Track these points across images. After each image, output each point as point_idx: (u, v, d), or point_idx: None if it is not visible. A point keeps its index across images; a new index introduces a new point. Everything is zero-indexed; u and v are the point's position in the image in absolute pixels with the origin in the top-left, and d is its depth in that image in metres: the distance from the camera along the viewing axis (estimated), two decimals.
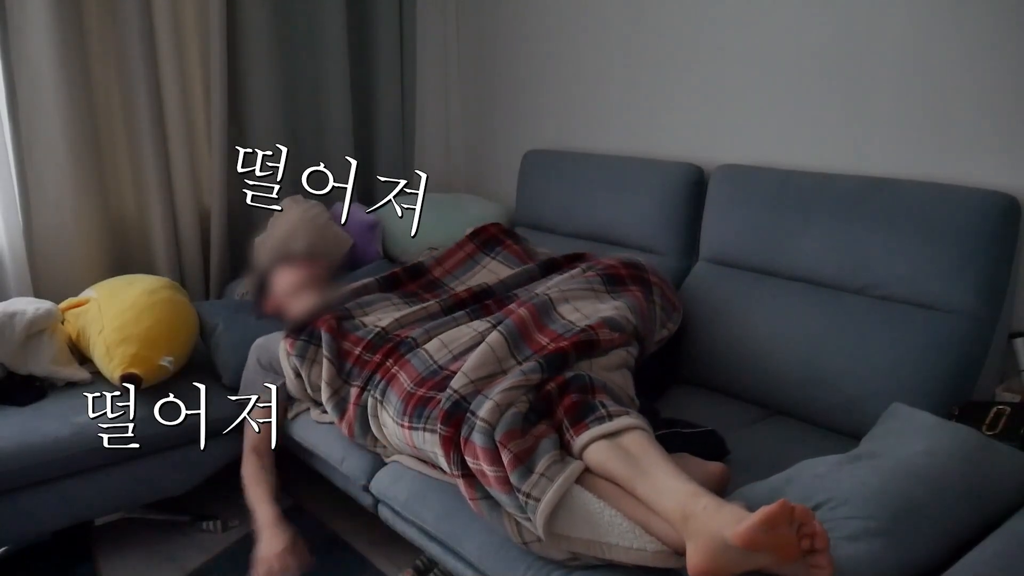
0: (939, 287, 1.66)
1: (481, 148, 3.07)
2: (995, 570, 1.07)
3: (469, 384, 1.52)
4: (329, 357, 1.82)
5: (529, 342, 1.62)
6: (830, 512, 1.18)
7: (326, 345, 1.84)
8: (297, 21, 2.71)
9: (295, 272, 2.16)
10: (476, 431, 1.40)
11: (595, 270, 1.86)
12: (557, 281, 1.84)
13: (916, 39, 1.78)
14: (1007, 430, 1.44)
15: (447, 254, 2.18)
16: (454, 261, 2.16)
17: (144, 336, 1.97)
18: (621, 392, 1.54)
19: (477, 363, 1.56)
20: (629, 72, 2.43)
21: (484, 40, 2.94)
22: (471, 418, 1.44)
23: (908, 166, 1.83)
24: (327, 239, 2.50)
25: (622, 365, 1.62)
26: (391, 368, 1.71)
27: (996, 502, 1.24)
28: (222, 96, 2.54)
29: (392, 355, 1.74)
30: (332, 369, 1.81)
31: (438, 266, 2.15)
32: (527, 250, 2.19)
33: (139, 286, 2.14)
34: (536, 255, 2.18)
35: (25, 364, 1.99)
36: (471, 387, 1.51)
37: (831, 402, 1.72)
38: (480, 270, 2.13)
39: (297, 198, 2.61)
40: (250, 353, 2.05)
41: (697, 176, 2.19)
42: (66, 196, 2.34)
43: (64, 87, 2.27)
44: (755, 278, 1.98)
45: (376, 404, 1.69)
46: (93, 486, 1.90)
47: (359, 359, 1.79)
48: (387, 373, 1.70)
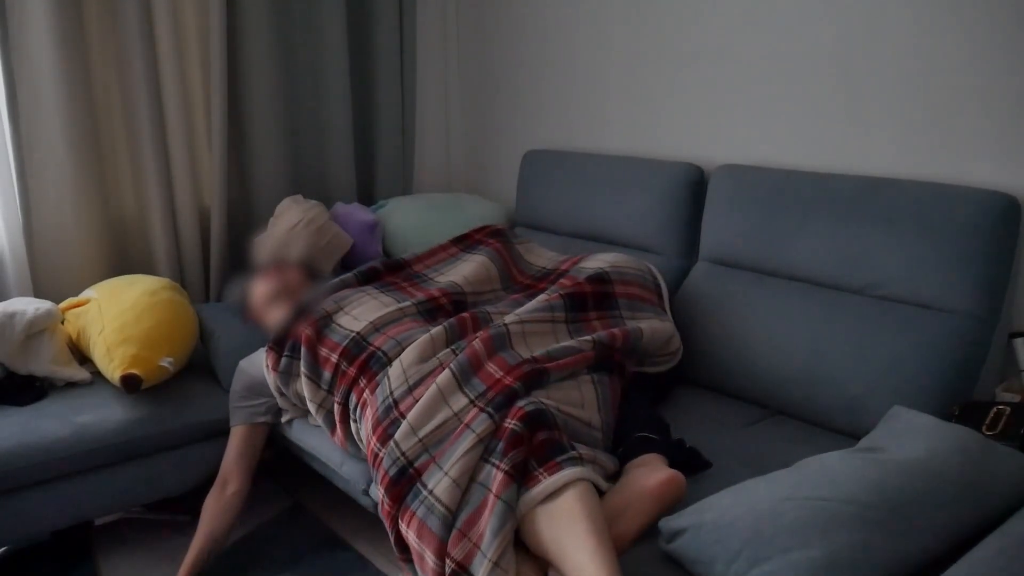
0: (939, 287, 1.66)
1: (481, 148, 3.07)
2: (995, 570, 1.07)
3: (417, 444, 1.48)
4: (308, 374, 1.79)
5: (480, 373, 1.58)
6: (829, 494, 1.18)
7: (304, 362, 1.81)
8: (297, 21, 2.71)
9: (266, 282, 2.11)
10: (432, 514, 1.37)
11: (560, 292, 1.84)
12: (522, 311, 1.79)
13: (916, 39, 1.78)
14: (1007, 430, 1.44)
15: (428, 252, 2.16)
16: (435, 259, 2.15)
17: (144, 337, 1.97)
18: (579, 421, 1.53)
19: (424, 412, 1.52)
20: (629, 72, 2.43)
21: (484, 40, 2.94)
22: (422, 492, 1.41)
23: (908, 166, 1.83)
24: (327, 239, 2.50)
25: (579, 379, 1.61)
26: (363, 390, 1.68)
27: (996, 502, 1.24)
28: (222, 96, 2.54)
29: (365, 372, 1.70)
30: (312, 385, 1.79)
31: (419, 262, 2.13)
32: (512, 253, 2.16)
33: (140, 286, 2.14)
34: (519, 260, 2.16)
35: (25, 364, 1.99)
36: (418, 447, 1.48)
37: (831, 402, 1.72)
38: (460, 264, 2.11)
39: (297, 198, 2.62)
40: (235, 377, 2.03)
41: (697, 176, 2.19)
42: (66, 196, 2.34)
43: (64, 87, 2.27)
44: (755, 278, 1.98)
45: (357, 425, 1.69)
46: (93, 486, 1.91)
47: (337, 369, 1.76)
48: (360, 395, 1.68)
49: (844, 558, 1.10)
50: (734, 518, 1.19)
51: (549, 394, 1.53)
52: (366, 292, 1.97)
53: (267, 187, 2.71)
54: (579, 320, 1.81)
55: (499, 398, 1.48)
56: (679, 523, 1.24)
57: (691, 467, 1.51)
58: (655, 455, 1.46)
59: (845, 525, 1.14)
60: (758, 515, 1.18)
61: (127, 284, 2.17)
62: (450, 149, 3.19)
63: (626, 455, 1.49)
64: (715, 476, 1.50)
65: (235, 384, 2.01)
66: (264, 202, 2.69)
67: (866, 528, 1.14)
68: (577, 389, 1.59)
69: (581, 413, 1.54)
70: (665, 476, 1.35)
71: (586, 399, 1.58)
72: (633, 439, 1.51)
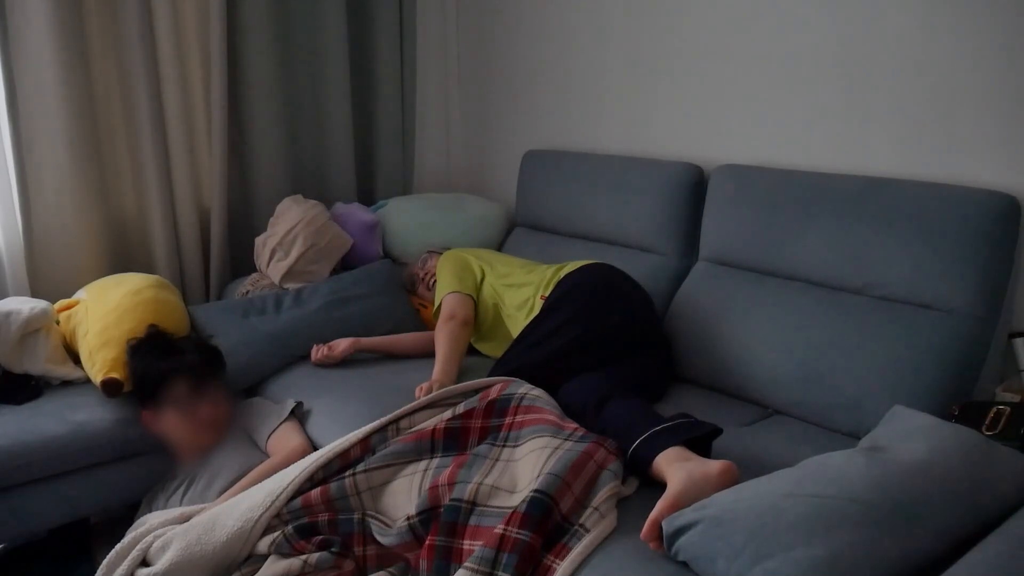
0: (939, 287, 1.66)
1: (481, 148, 3.07)
2: (995, 570, 1.06)
3: None
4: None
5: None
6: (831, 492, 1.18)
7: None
8: (297, 21, 2.71)
9: (181, 423, 1.90)
10: None
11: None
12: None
13: (916, 39, 1.78)
14: (1007, 430, 1.43)
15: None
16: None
17: (126, 339, 1.96)
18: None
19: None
20: (629, 72, 2.43)
21: (484, 41, 2.94)
22: None
23: (908, 166, 1.82)
24: (327, 239, 2.49)
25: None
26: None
27: (996, 502, 1.23)
28: (222, 96, 2.54)
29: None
30: None
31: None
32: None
33: (125, 286, 2.12)
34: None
35: (20, 363, 2.00)
36: None
37: (831, 402, 1.72)
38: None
39: (297, 198, 2.62)
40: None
41: (697, 176, 2.18)
42: (66, 196, 2.34)
43: (64, 87, 2.27)
44: (755, 278, 1.97)
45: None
46: (89, 484, 1.90)
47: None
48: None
49: (846, 557, 1.09)
50: (736, 515, 1.19)
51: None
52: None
53: (267, 187, 2.71)
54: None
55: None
56: (682, 520, 1.23)
57: (708, 440, 1.49)
58: (677, 448, 1.42)
59: (848, 523, 1.14)
60: (760, 512, 1.17)
61: (114, 284, 2.16)
62: (450, 149, 3.19)
63: (645, 454, 1.45)
64: None
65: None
66: (264, 202, 2.69)
67: (868, 527, 1.13)
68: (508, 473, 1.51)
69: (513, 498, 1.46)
70: (722, 465, 1.34)
71: (520, 477, 1.49)
72: (652, 433, 1.46)
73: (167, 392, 1.86)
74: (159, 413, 1.88)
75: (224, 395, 1.96)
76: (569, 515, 1.38)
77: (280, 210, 2.57)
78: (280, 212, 2.57)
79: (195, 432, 1.88)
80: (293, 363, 2.20)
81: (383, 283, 2.44)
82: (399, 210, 2.74)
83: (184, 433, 1.88)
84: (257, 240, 2.54)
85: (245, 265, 2.67)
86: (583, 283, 1.97)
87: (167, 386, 1.86)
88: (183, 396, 1.86)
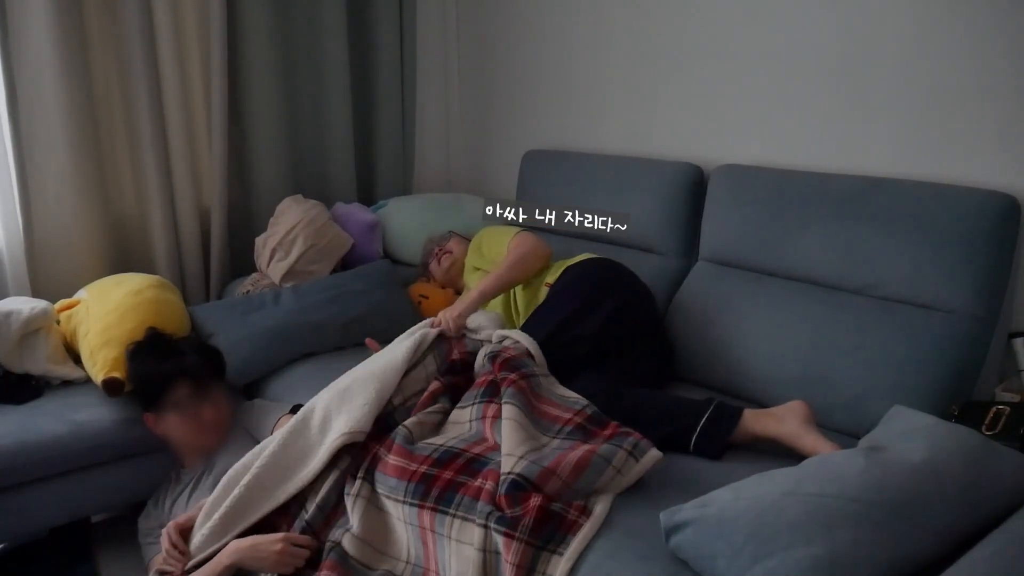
0: (939, 287, 1.66)
1: (481, 148, 3.07)
2: (995, 570, 1.06)
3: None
4: None
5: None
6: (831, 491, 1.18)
7: None
8: (297, 21, 2.71)
9: (184, 426, 1.88)
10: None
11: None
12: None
13: (916, 39, 1.78)
14: (1007, 430, 1.44)
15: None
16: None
17: (127, 339, 1.96)
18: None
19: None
20: (629, 72, 2.43)
21: (484, 40, 2.94)
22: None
23: (908, 166, 1.83)
24: (327, 239, 2.50)
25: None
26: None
27: (996, 502, 1.23)
28: (222, 96, 2.54)
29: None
30: None
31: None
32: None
33: (126, 286, 2.12)
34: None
35: (21, 363, 2.00)
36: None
37: (831, 402, 1.72)
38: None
39: (297, 198, 2.62)
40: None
41: (697, 176, 2.18)
42: (66, 196, 2.34)
43: (64, 87, 2.27)
44: (755, 278, 1.97)
45: None
46: (90, 483, 1.90)
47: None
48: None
49: (847, 556, 1.10)
50: (736, 513, 1.19)
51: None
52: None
53: (267, 187, 2.71)
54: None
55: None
56: (681, 517, 1.23)
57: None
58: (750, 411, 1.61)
59: (848, 523, 1.14)
60: (761, 510, 1.17)
61: (115, 284, 2.16)
62: (450, 149, 3.19)
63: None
64: (716, 473, 1.49)
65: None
66: (264, 202, 2.70)
67: (868, 526, 1.13)
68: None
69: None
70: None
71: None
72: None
73: (169, 395, 1.86)
74: (162, 416, 1.88)
75: (225, 396, 1.96)
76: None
77: (280, 210, 2.58)
78: (280, 212, 2.57)
79: (198, 434, 1.88)
80: (293, 362, 2.20)
81: (382, 280, 2.45)
82: (399, 210, 2.74)
83: (187, 435, 1.88)
84: (257, 240, 2.54)
85: (245, 265, 2.67)
86: (588, 272, 2.00)
87: (169, 389, 1.86)
88: (185, 399, 1.86)
